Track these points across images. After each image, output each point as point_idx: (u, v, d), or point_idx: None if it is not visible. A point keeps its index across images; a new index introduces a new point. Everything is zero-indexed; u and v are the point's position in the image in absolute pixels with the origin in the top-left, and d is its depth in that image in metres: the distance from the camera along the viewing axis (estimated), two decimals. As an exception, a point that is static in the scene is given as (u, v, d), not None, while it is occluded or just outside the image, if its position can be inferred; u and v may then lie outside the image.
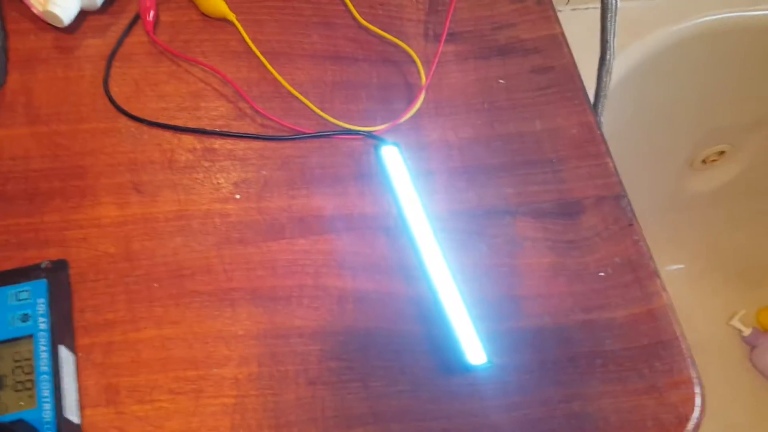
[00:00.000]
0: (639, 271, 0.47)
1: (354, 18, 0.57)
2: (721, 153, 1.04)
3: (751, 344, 1.09)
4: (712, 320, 1.11)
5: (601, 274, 0.47)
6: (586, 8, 0.87)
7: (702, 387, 0.43)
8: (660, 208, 1.10)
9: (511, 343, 0.45)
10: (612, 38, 0.60)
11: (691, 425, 0.42)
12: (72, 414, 0.39)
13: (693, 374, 0.44)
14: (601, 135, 0.53)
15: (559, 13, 0.85)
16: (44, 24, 0.53)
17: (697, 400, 0.43)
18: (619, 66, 0.81)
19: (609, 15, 0.59)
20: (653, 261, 0.48)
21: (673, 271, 1.13)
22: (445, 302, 0.45)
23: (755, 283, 1.13)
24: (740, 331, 1.09)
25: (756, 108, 0.96)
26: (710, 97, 0.93)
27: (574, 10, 0.88)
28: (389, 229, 0.48)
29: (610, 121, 0.86)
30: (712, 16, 0.81)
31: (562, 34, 0.57)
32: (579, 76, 0.56)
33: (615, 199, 0.50)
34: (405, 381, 0.43)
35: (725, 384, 1.06)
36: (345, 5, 0.57)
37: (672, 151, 1.03)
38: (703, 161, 1.05)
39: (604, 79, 0.62)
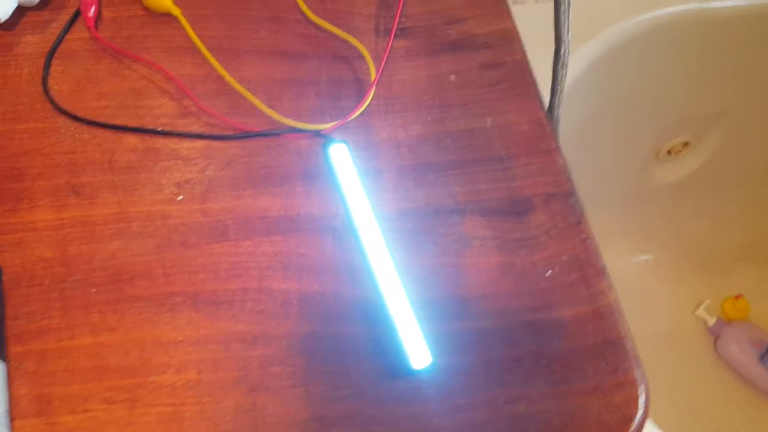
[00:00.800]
0: (586, 269, 0.47)
1: (303, 13, 0.56)
2: (686, 144, 1.05)
3: (715, 334, 1.09)
4: (679, 310, 1.12)
5: (549, 273, 0.47)
6: (549, 0, 0.86)
7: (646, 387, 0.43)
8: (627, 199, 1.11)
9: (457, 344, 0.44)
10: (566, 31, 0.59)
11: (634, 425, 0.42)
12: (1, 426, 0.38)
13: (637, 374, 0.43)
14: (553, 131, 0.53)
15: (522, 6, 0.85)
16: (-20, 20, 0.52)
17: (641, 401, 0.43)
18: (581, 59, 0.81)
19: (562, 8, 0.58)
20: (601, 259, 0.48)
21: (641, 262, 1.14)
22: (390, 304, 0.44)
23: (720, 272, 1.14)
24: (705, 321, 1.10)
25: (716, 99, 0.96)
26: (672, 89, 0.93)
27: (537, 1, 0.87)
28: (336, 229, 0.48)
29: (575, 114, 0.86)
30: (671, 8, 0.81)
31: (515, 29, 0.56)
32: (531, 71, 0.55)
33: (564, 196, 0.50)
34: (349, 385, 0.43)
35: (691, 374, 1.07)
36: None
37: (637, 143, 1.03)
38: (669, 152, 1.05)
39: (560, 73, 0.61)
